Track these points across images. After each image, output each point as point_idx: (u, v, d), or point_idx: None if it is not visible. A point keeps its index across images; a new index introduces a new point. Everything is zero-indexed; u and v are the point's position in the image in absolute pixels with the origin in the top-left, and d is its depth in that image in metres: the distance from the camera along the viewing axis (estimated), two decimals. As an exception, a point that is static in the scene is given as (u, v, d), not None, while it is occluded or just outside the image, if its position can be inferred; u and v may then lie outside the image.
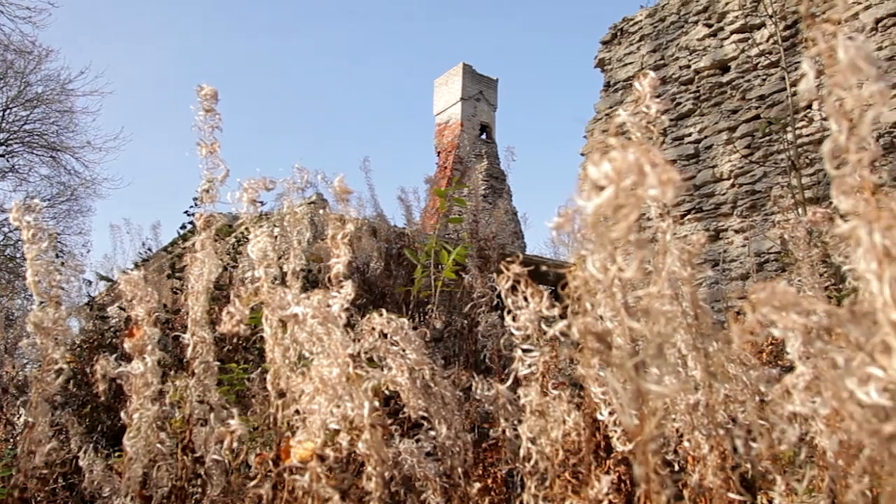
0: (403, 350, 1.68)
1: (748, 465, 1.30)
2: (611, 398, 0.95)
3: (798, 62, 7.51)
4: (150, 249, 9.14)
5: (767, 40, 9.06)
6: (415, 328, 1.80)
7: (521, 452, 1.39)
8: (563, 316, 0.96)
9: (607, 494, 1.25)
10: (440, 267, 4.60)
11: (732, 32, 9.51)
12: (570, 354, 1.45)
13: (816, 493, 1.27)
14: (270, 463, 1.61)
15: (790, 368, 1.09)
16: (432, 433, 1.81)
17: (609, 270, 0.69)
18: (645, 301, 0.74)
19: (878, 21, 8.06)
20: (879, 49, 7.99)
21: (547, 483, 1.41)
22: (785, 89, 8.37)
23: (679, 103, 9.88)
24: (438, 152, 24.20)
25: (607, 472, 2.08)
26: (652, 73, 1.26)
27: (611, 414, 1.18)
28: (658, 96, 1.25)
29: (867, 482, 1.07)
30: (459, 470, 1.87)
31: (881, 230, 0.61)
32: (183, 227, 6.77)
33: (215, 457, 1.81)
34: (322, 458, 1.32)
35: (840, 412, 0.74)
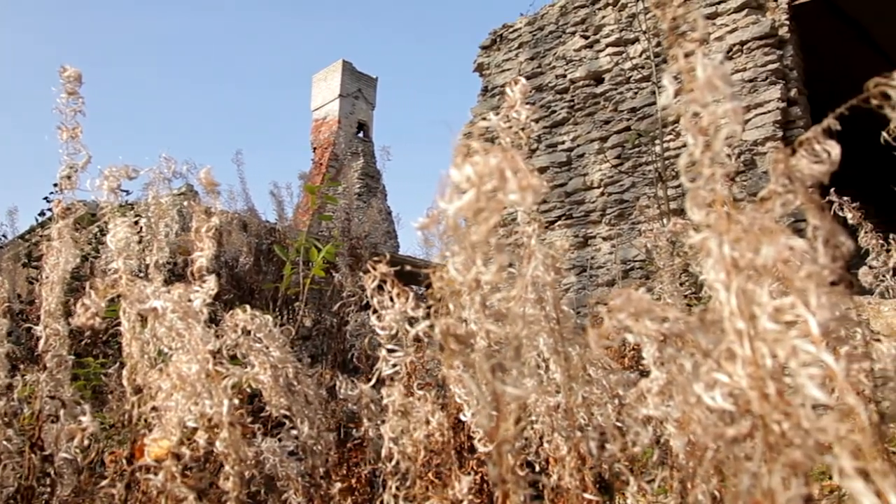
0: (267, 347, 1.66)
1: (606, 467, 1.35)
2: (471, 399, 0.97)
3: (675, 77, 7.78)
4: (4, 236, 8.69)
5: (640, 55, 9.43)
6: (283, 326, 1.79)
7: (383, 452, 1.40)
8: (427, 316, 0.97)
9: (467, 494, 1.27)
10: (310, 264, 4.56)
11: (608, 45, 9.84)
12: (434, 355, 1.47)
13: (668, 494, 1.33)
14: (124, 462, 1.56)
15: (647, 373, 1.14)
16: (294, 432, 1.80)
17: (469, 273, 0.71)
18: (504, 304, 0.76)
19: (742, 44, 8.52)
20: (744, 70, 8.46)
21: (408, 483, 1.43)
22: (655, 103, 8.75)
23: (554, 111, 10.14)
24: (314, 148, 23.94)
25: (470, 473, 2.12)
26: (524, 80, 1.29)
27: (473, 415, 1.20)
28: (531, 103, 1.29)
29: (715, 483, 1.14)
30: (321, 469, 1.86)
31: (730, 242, 0.65)
32: (42, 213, 6.45)
33: (66, 455, 1.74)
34: (178, 457, 1.29)
35: (689, 416, 0.79)
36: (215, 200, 1.64)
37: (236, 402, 1.36)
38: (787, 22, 8.52)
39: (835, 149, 0.88)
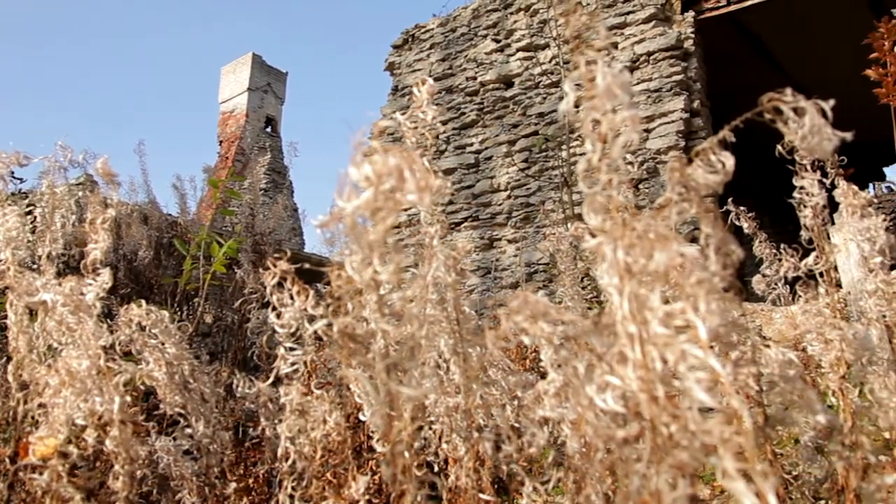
0: (163, 344, 1.63)
1: (504, 467, 1.37)
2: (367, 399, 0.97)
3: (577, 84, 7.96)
4: None
5: (550, 61, 9.59)
6: (181, 322, 1.76)
7: (279, 452, 1.39)
8: (327, 315, 0.97)
9: (363, 494, 1.27)
10: (211, 260, 4.48)
11: (519, 50, 9.97)
12: (332, 354, 1.46)
13: (564, 494, 1.36)
14: (7, 461, 1.51)
15: (546, 375, 1.16)
16: (189, 431, 1.77)
17: (366, 272, 0.71)
18: (401, 304, 0.76)
19: (649, 54, 8.76)
20: (650, 81, 8.69)
21: (305, 483, 1.42)
22: (569, 109, 8.87)
23: (463, 113, 10.21)
24: (221, 142, 23.45)
25: (367, 473, 2.11)
26: (431, 80, 1.30)
27: (372, 415, 1.20)
28: (440, 104, 1.29)
29: (609, 483, 1.16)
30: (216, 469, 1.83)
31: (625, 248, 0.67)
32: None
33: (-61, 455, 1.66)
34: (65, 456, 1.25)
35: (583, 417, 0.81)
36: (114, 191, 1.59)
37: (129, 399, 1.33)
38: (693, 35, 8.80)
39: (729, 160, 0.91)
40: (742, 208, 2.13)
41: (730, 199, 2.14)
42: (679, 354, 0.64)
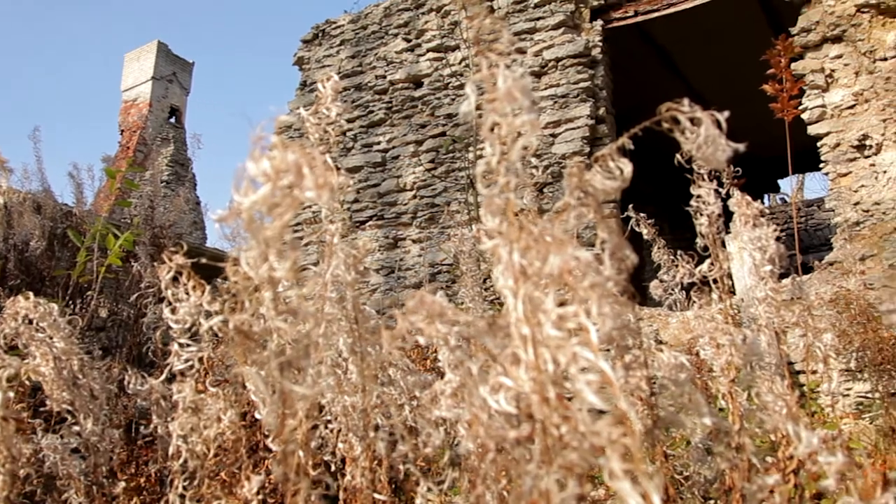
0: (51, 338, 1.58)
1: (401, 467, 1.37)
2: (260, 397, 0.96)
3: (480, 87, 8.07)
4: None
5: (460, 63, 9.64)
6: (73, 315, 1.71)
7: (171, 450, 1.36)
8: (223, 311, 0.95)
9: (256, 494, 1.26)
10: (107, 252, 4.35)
11: (429, 50, 9.99)
12: (229, 352, 1.44)
13: (461, 494, 1.37)
14: None
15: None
16: (77, 428, 1.72)
17: (262, 268, 0.70)
18: (298, 302, 0.75)
19: (558, 60, 8.90)
20: (557, 86, 8.83)
21: (197, 482, 1.39)
22: (475, 110, 8.95)
23: (372, 111, 10.17)
24: (122, 131, 22.74)
25: (264, 473, 2.09)
26: (336, 77, 1.29)
27: (266, 414, 1.19)
28: (349, 101, 1.29)
29: (504, 484, 1.18)
30: (105, 468, 1.79)
31: (520, 250, 0.68)
32: None
33: None
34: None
35: (476, 418, 0.81)
36: (4, 178, 1.53)
37: (12, 395, 1.28)
38: (601, 43, 8.98)
39: (627, 166, 0.93)
40: (642, 215, 2.18)
41: (630, 206, 2.20)
42: (571, 357, 0.65)
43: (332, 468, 1.66)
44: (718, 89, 11.84)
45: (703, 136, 0.96)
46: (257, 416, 1.25)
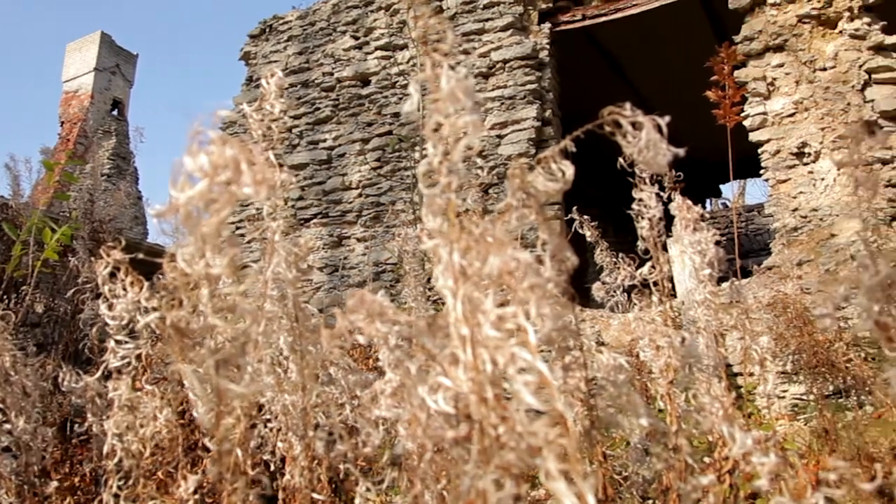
0: (-19, 334, 1.54)
1: (341, 467, 1.37)
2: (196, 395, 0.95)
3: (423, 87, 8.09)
4: None
5: (408, 62, 9.64)
6: (7, 310, 1.67)
7: (106, 449, 1.34)
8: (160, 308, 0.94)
9: (193, 494, 1.24)
10: (44, 246, 4.26)
11: (377, 49, 9.96)
12: (166, 349, 1.42)
13: (401, 494, 1.37)
14: None
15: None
16: (8, 426, 1.68)
17: (198, 265, 0.69)
18: (240, 299, 0.75)
19: (505, 62, 8.95)
20: (504, 88, 8.88)
21: (132, 482, 1.37)
22: (417, 110, 8.97)
23: (318, 108, 10.11)
24: (62, 123, 22.20)
25: (201, 472, 2.06)
26: (280, 73, 1.28)
27: (203, 412, 1.17)
28: (296, 98, 1.28)
29: (444, 483, 1.18)
30: (37, 467, 1.75)
31: (460, 251, 0.68)
32: None
33: None
34: None
35: (415, 417, 0.81)
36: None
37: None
38: (548, 46, 9.06)
39: (569, 169, 0.94)
40: (586, 217, 2.20)
41: (575, 208, 2.22)
42: (509, 357, 0.66)
43: (272, 468, 1.65)
44: (664, 95, 12.01)
45: (644, 141, 0.98)
46: (195, 414, 1.23)
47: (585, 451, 1.21)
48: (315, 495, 1.28)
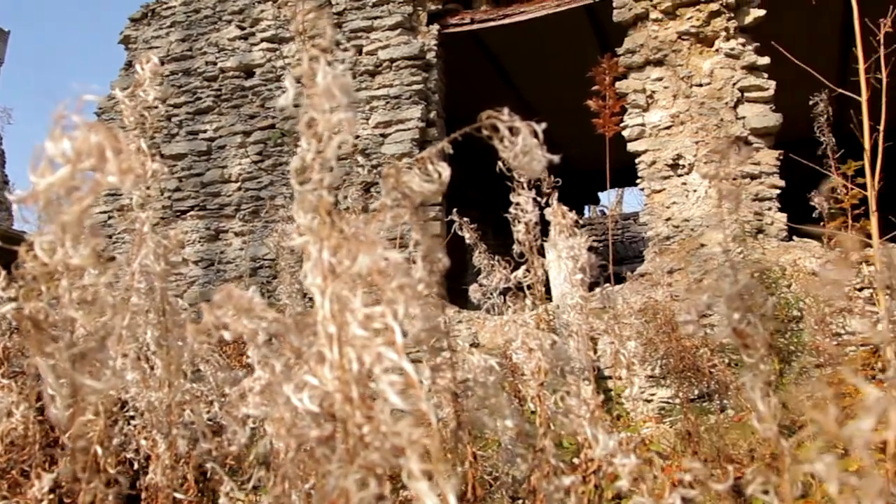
0: None
1: (208, 465, 1.34)
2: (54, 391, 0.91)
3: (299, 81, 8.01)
4: None
5: (294, 55, 9.52)
6: None
7: (-49, 449, 1.27)
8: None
9: (49, 493, 1.19)
10: None
11: (263, 40, 9.80)
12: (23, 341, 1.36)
13: (265, 493, 1.35)
14: None
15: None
16: None
17: (56, 254, 0.66)
18: (105, 291, 0.72)
19: (392, 61, 8.96)
20: (390, 87, 8.89)
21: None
22: (294, 105, 8.85)
23: (200, 98, 9.87)
24: (-76, 103, 20.89)
25: (59, 471, 1.98)
26: (155, 59, 1.24)
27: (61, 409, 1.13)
28: (172, 86, 1.24)
29: (312, 483, 1.17)
30: None
31: (330, 249, 0.68)
32: None
33: None
34: None
35: (281, 416, 0.80)
36: None
37: None
38: (436, 47, 9.12)
39: (446, 170, 0.95)
40: (466, 219, 2.22)
41: (455, 210, 2.23)
42: (376, 357, 0.66)
43: (136, 466, 1.60)
44: (549, 103, 12.25)
45: (521, 146, 0.99)
46: (52, 411, 1.18)
47: (454, 451, 1.22)
48: (177, 495, 1.24)
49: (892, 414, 0.79)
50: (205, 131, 9.69)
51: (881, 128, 2.77)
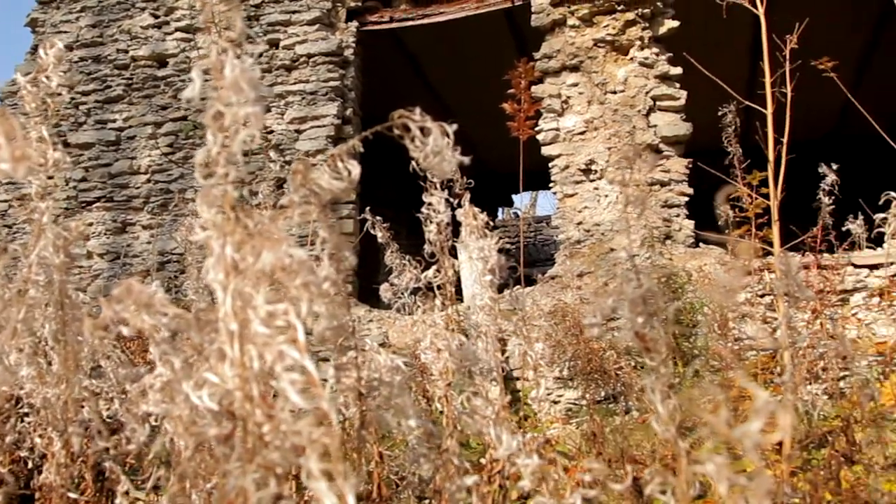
0: None
1: (106, 465, 1.30)
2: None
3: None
4: None
5: (209, 46, 9.33)
6: None
7: None
8: None
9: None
10: None
11: (178, 30, 9.58)
12: None
13: (167, 493, 1.32)
14: None
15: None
16: None
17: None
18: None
19: (310, 56, 8.87)
20: (307, 82, 8.80)
21: None
22: (200, 98, 8.69)
23: (109, 87, 9.59)
24: None
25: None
26: (60, 44, 1.21)
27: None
28: (80, 72, 1.20)
29: (214, 482, 1.15)
30: None
31: (234, 244, 0.67)
32: None
33: None
34: None
35: (181, 414, 0.79)
36: None
37: None
38: (354, 45, 9.07)
39: (355, 168, 0.95)
40: (378, 218, 2.21)
41: (368, 208, 2.23)
42: (277, 354, 0.65)
43: (31, 465, 1.56)
44: (467, 105, 12.30)
45: (432, 146, 1.00)
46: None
47: (359, 451, 1.22)
48: (72, 494, 1.21)
49: (781, 416, 0.82)
50: (114, 121, 9.42)
51: (785, 140, 2.88)
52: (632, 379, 4.81)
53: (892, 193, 2.98)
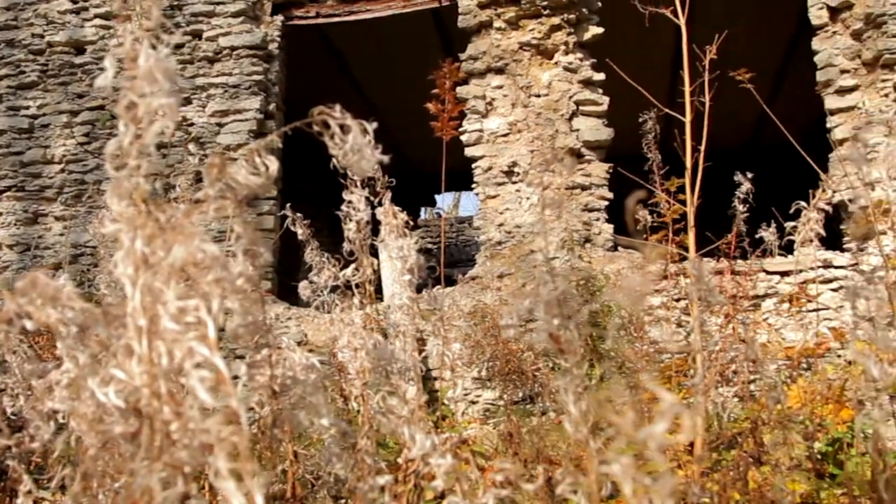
0: None
1: (8, 462, 1.26)
2: None
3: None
4: None
5: (130, 35, 9.11)
6: None
7: None
8: None
9: None
10: None
11: (97, 16, 9.32)
12: None
13: (69, 491, 1.28)
14: None
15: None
16: None
17: None
18: None
19: (233, 49, 8.74)
20: (230, 75, 8.67)
21: None
22: (113, 88, 8.49)
23: (23, 72, 9.28)
24: None
25: None
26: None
27: None
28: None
29: (123, 481, 1.12)
30: None
31: (144, 238, 0.66)
32: None
33: None
34: None
35: (85, 411, 0.77)
36: None
37: None
38: (279, 39, 8.97)
39: (273, 164, 0.94)
40: (299, 214, 2.20)
41: (288, 205, 2.21)
42: (187, 351, 0.64)
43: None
44: (393, 103, 12.28)
45: (351, 144, 1.00)
46: None
47: (273, 450, 1.21)
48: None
49: (690, 418, 0.84)
50: (28, 108, 9.12)
51: (702, 148, 2.95)
52: (549, 380, 4.86)
53: (803, 203, 3.08)
